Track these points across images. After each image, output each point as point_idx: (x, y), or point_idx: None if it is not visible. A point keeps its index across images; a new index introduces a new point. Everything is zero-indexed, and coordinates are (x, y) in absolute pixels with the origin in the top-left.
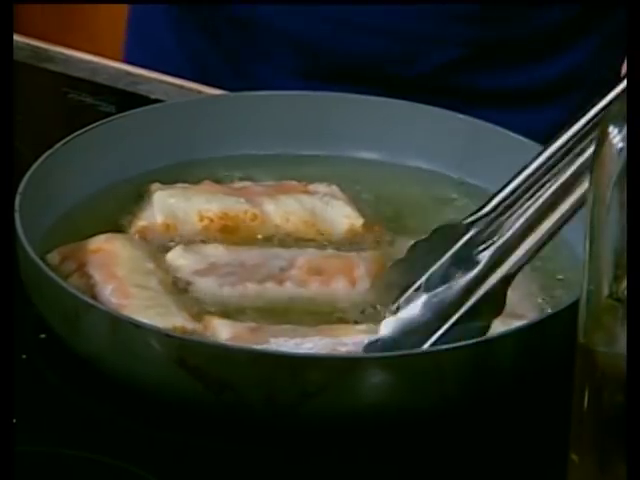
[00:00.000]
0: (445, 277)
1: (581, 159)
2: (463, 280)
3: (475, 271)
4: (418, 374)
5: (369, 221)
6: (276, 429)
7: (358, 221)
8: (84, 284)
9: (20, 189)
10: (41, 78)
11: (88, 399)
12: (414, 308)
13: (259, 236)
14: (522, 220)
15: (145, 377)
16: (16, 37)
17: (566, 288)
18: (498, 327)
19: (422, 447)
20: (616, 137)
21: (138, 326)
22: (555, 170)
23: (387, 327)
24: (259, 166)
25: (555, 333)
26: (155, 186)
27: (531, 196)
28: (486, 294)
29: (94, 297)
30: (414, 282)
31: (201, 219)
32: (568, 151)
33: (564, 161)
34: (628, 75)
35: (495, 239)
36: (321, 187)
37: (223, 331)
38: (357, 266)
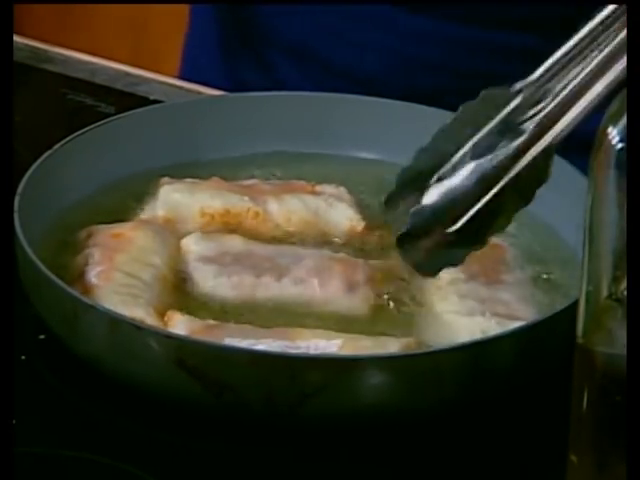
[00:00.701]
0: (491, 145)
1: None
2: (508, 148)
3: (520, 140)
4: (416, 375)
5: (371, 224)
6: (275, 429)
7: (359, 224)
8: (82, 264)
9: (19, 190)
10: (40, 79)
11: (87, 400)
12: (459, 176)
13: (260, 234)
14: (568, 87)
15: (144, 378)
16: (15, 38)
17: (565, 289)
18: (496, 329)
19: (421, 447)
20: (615, 137)
21: (137, 327)
22: (606, 35)
23: (432, 195)
24: (259, 166)
25: (554, 334)
26: (164, 180)
27: (580, 62)
28: (530, 164)
29: (81, 276)
30: (459, 149)
31: (202, 215)
32: (620, 16)
33: (614, 26)
34: (628, 76)
35: (542, 106)
36: (329, 188)
37: (181, 327)
38: (358, 273)
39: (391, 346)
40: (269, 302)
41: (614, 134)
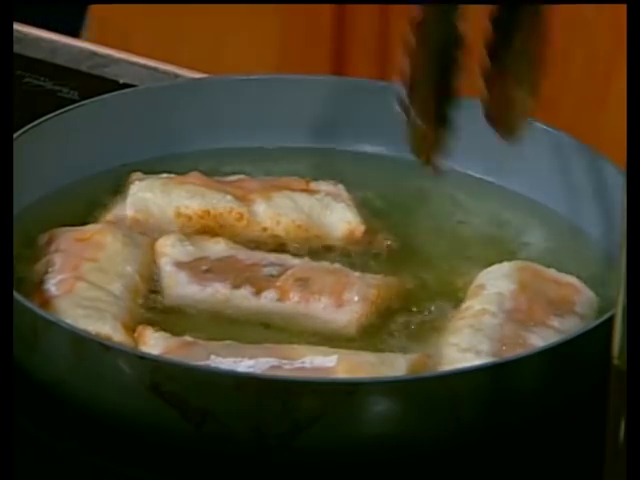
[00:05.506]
0: None
1: None
2: None
3: None
4: (428, 401)
5: (372, 228)
6: (264, 464)
7: (359, 228)
8: (41, 272)
9: None
10: None
11: (47, 431)
12: None
13: (243, 239)
14: None
15: (113, 405)
16: None
17: (600, 302)
18: (538, 342)
19: None
20: None
21: (106, 346)
22: None
23: None
24: (245, 160)
25: (586, 353)
26: (135, 176)
27: None
28: None
29: (39, 286)
30: None
31: (178, 216)
32: None
33: None
34: (628, 77)
35: None
36: (325, 185)
37: (154, 345)
38: (352, 288)
39: (397, 363)
40: (245, 317)
41: None
